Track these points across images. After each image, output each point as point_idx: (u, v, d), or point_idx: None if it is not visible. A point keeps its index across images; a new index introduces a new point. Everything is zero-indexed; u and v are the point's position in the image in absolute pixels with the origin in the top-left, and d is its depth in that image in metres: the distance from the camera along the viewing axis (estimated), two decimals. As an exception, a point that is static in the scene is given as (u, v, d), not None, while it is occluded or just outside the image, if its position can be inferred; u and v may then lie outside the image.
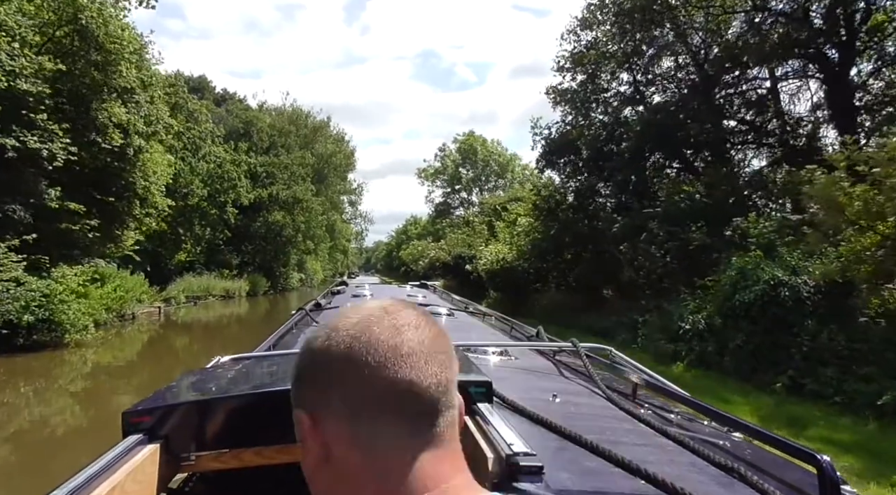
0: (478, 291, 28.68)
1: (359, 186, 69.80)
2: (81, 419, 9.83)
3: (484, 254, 26.22)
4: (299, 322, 3.69)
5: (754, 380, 8.83)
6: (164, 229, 29.01)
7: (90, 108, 14.32)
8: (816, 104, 16.64)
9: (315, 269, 58.34)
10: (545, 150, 21.63)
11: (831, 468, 1.15)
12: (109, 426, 1.61)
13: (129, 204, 16.39)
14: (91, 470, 1.10)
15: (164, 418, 1.36)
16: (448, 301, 5.64)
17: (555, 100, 22.58)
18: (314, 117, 57.15)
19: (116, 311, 19.46)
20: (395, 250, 72.35)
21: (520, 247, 24.16)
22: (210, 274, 34.85)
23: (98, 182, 15.36)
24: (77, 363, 13.69)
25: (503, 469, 1.14)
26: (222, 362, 2.08)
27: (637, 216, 15.46)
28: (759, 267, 9.35)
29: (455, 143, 52.64)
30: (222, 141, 36.37)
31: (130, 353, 16.08)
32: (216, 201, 32.75)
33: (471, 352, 2.43)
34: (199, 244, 33.21)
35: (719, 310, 10.12)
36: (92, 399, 11.12)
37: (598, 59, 20.15)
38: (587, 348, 2.54)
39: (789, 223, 10.67)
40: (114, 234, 16.74)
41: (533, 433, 1.39)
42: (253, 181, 39.68)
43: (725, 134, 17.51)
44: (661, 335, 11.68)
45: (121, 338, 18.03)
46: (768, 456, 1.49)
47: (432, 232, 50.38)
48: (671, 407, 2.04)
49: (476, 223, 34.68)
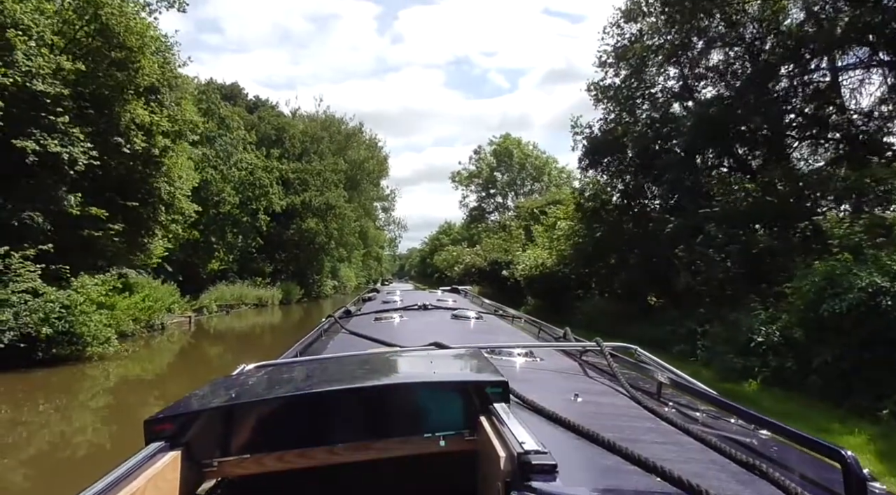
0: (515, 298, 27.58)
1: (392, 192, 69.45)
2: (103, 437, 9.19)
3: (522, 260, 25.11)
4: (328, 329, 3.66)
5: (849, 405, 7.55)
6: (196, 237, 28.86)
7: (113, 110, 13.78)
8: (882, 98, 15.21)
9: (348, 276, 57.90)
10: (587, 150, 20.42)
11: (856, 464, 1.13)
12: (130, 443, 1.45)
13: (155, 209, 15.78)
14: (111, 478, 1.13)
15: (186, 425, 1.39)
16: (478, 304, 5.61)
17: (596, 97, 21.40)
18: (347, 124, 56.96)
19: (145, 322, 18.97)
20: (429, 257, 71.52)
21: (560, 251, 23.03)
22: (243, 282, 34.63)
23: (121, 187, 14.80)
24: (99, 377, 13.07)
25: (515, 467, 1.13)
26: (247, 370, 2.09)
27: (691, 217, 14.21)
28: (851, 272, 8.06)
29: (491, 146, 51.53)
30: (254, 147, 36.15)
31: (156, 366, 15.45)
32: (248, 208, 32.37)
33: (496, 353, 2.44)
34: (232, 252, 32.87)
35: (801, 322, 8.84)
36: (114, 415, 10.45)
37: (644, 53, 18.91)
38: (612, 347, 2.54)
39: (881, 222, 9.33)
40: (140, 242, 16.15)
41: (550, 432, 1.41)
42: (285, 188, 39.37)
43: (783, 129, 16.12)
44: (726, 348, 10.44)
45: (148, 350, 17.48)
46: (794, 453, 1.47)
47: (467, 237, 49.26)
48: (697, 406, 2.01)
49: (513, 227, 33.54)
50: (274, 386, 1.78)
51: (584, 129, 22.03)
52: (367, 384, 1.63)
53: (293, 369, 2.06)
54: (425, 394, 1.56)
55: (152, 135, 14.70)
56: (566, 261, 22.25)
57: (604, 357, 2.38)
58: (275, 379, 1.87)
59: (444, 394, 1.56)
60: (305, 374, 1.91)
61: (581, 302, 21.20)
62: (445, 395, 1.55)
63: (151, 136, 14.69)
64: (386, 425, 1.52)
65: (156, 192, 15.52)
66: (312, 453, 1.46)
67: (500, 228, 39.40)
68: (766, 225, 13.09)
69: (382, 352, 2.44)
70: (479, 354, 2.00)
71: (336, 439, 1.49)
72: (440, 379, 1.66)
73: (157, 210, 15.87)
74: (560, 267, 22.32)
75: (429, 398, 1.55)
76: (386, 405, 1.53)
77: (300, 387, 1.66)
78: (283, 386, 1.76)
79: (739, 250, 12.12)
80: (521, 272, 24.46)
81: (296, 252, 41.87)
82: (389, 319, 3.91)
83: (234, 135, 30.67)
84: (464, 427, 1.50)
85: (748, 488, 1.16)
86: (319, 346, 3.13)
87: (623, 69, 20.12)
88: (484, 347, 2.34)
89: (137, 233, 15.79)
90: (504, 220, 41.75)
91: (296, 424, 1.48)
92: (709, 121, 15.18)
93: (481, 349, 2.22)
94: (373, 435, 1.51)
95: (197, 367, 15.04)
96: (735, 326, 10.63)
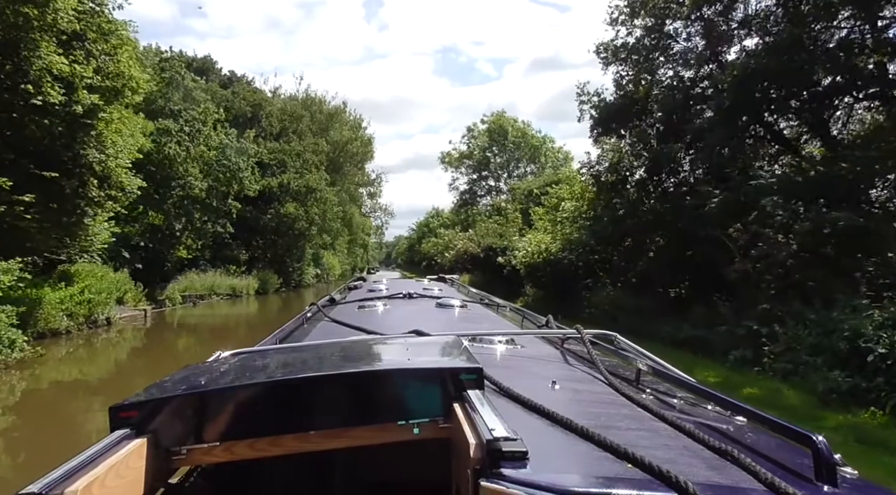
0: (511, 288, 24.90)
1: (378, 177, 66.33)
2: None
3: (521, 246, 22.45)
4: (311, 317, 3.60)
5: None
6: (159, 222, 26.07)
7: (20, 53, 10.90)
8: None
9: (332, 264, 54.98)
10: (598, 118, 17.78)
11: (826, 448, 1.17)
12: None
13: (83, 183, 12.84)
14: (70, 465, 1.11)
15: (153, 412, 1.37)
16: (463, 293, 5.61)
17: (606, 60, 18.78)
18: (329, 103, 53.78)
19: (84, 317, 16.15)
20: (417, 244, 68.72)
21: (565, 235, 20.42)
22: (215, 271, 31.89)
23: (37, 153, 11.86)
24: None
25: (485, 454, 1.13)
26: (222, 357, 2.04)
27: (736, 190, 11.63)
28: None
29: (484, 123, 48.27)
30: (228, 126, 33.16)
31: (78, 373, 12.55)
32: (217, 192, 29.41)
33: (477, 341, 2.45)
34: (202, 238, 29.93)
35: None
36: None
37: (666, 4, 16.29)
38: (593, 335, 2.53)
39: None
40: (65, 223, 13.19)
41: (524, 419, 1.40)
42: (262, 169, 36.44)
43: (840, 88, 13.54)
44: (815, 358, 7.87)
45: (82, 351, 14.62)
46: (767, 439, 1.47)
47: (458, 222, 46.32)
48: (675, 392, 1.99)
49: (509, 211, 30.75)
50: (246, 372, 1.71)
51: (591, 97, 19.47)
52: (341, 371, 1.61)
53: (268, 356, 2.03)
54: (399, 382, 1.54)
55: (75, 89, 11.79)
56: (573, 247, 19.67)
57: (584, 344, 2.33)
58: (248, 367, 1.80)
59: (418, 382, 1.53)
60: (280, 362, 1.90)
61: (591, 293, 18.65)
62: (419, 382, 1.53)
63: (74, 91, 11.77)
64: (359, 412, 1.50)
65: (83, 161, 12.56)
66: (284, 440, 1.44)
67: (494, 212, 36.55)
68: (834, 200, 10.55)
69: (360, 339, 2.41)
70: (456, 342, 1.95)
71: (309, 426, 1.46)
72: (414, 367, 1.64)
73: (87, 183, 12.91)
74: (565, 253, 19.72)
75: (403, 385, 1.52)
76: (359, 392, 1.51)
77: (272, 374, 1.64)
78: (256, 373, 1.70)
79: (812, 230, 9.56)
80: (520, 259, 21.79)
81: (273, 238, 39.02)
82: (373, 308, 3.82)
83: (202, 109, 27.59)
84: (438, 414, 1.48)
85: (720, 473, 1.16)
86: (300, 334, 3.10)
87: (638, 27, 17.55)
88: (465, 335, 2.33)
89: (62, 210, 12.83)
90: (498, 203, 38.87)
91: (267, 411, 1.46)
92: (752, 75, 12.56)
93: (463, 337, 2.16)
94: (346, 423, 1.49)
95: (133, 376, 12.23)
96: (822, 327, 8.08)
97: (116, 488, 1.16)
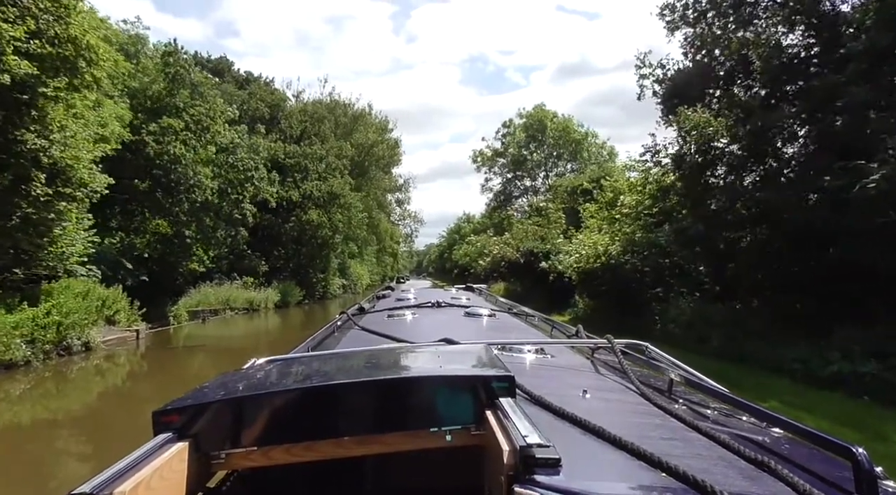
0: (555, 298, 21.51)
1: (405, 183, 63.39)
2: None
3: (572, 248, 19.10)
4: (341, 326, 3.62)
5: None
6: (166, 231, 23.59)
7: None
8: None
9: (360, 274, 52.16)
10: (670, 89, 14.49)
11: (867, 460, 1.10)
12: None
13: (22, 177, 10.01)
14: (117, 467, 1.13)
15: (194, 417, 1.38)
16: (492, 302, 5.47)
17: (672, 23, 15.56)
18: (353, 105, 51.16)
19: (52, 343, 13.40)
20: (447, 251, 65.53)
21: (626, 234, 17.09)
22: (232, 283, 29.42)
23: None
24: None
25: (518, 461, 1.12)
26: (257, 364, 2.07)
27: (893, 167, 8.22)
28: None
29: (522, 118, 44.68)
30: (246, 127, 30.67)
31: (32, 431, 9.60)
32: (229, 197, 26.83)
33: (506, 350, 2.42)
34: (215, 248, 27.37)
35: None
36: None
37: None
38: (623, 344, 2.50)
39: None
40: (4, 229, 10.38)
41: (556, 427, 1.39)
42: (281, 174, 33.87)
43: None
44: None
45: (32, 390, 11.75)
46: (805, 451, 1.43)
47: (491, 225, 42.88)
48: (708, 403, 1.94)
49: (550, 210, 27.29)
50: (282, 379, 1.75)
51: (653, 70, 16.20)
52: (374, 378, 1.61)
53: (302, 363, 2.06)
54: (432, 389, 1.51)
55: (2, 53, 9.02)
56: (636, 248, 16.32)
57: (614, 354, 2.31)
58: (283, 373, 1.84)
59: (450, 389, 1.51)
60: (314, 368, 1.91)
61: (661, 305, 15.25)
62: (452, 390, 1.51)
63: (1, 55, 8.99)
64: (392, 419, 1.49)
65: (18, 149, 9.75)
66: (319, 446, 1.45)
67: (533, 212, 33.07)
68: None
69: (391, 347, 2.41)
70: (486, 350, 1.93)
71: (343, 432, 1.46)
72: (446, 374, 1.61)
73: (29, 178, 10.10)
74: (627, 255, 16.38)
75: (435, 392, 1.50)
76: (393, 399, 1.50)
77: (308, 381, 1.64)
78: (292, 379, 1.74)
79: None
80: (571, 264, 18.45)
81: (295, 247, 36.47)
82: (402, 316, 3.82)
83: (209, 105, 25.04)
84: (470, 421, 1.47)
85: (756, 484, 1.13)
86: (331, 342, 3.11)
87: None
88: (495, 344, 2.34)
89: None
90: (537, 203, 35.35)
91: (303, 417, 1.46)
92: None
93: (492, 345, 2.18)
94: (379, 429, 1.49)
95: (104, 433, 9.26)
96: None
97: (160, 490, 1.18)
